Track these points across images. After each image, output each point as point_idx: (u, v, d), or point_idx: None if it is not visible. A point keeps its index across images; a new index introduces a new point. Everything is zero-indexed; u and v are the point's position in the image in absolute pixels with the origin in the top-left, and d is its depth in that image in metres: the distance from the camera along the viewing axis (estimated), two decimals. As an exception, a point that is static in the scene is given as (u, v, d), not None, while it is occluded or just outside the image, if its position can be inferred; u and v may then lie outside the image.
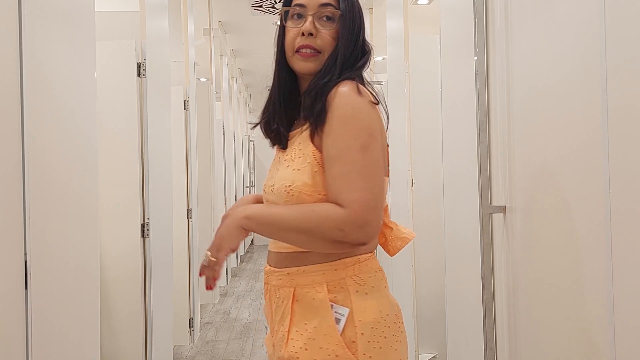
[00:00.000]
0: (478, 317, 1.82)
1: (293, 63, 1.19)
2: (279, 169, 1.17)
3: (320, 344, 1.08)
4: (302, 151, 1.13)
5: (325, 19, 1.17)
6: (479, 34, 1.77)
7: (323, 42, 1.17)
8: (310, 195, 1.09)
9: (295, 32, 1.18)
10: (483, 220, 1.72)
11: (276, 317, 1.18)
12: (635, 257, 1.02)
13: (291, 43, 1.18)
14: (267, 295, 1.23)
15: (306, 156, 1.11)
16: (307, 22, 1.16)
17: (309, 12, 1.17)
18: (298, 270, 1.14)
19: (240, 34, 7.18)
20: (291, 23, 1.19)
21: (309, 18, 1.17)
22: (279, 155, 1.21)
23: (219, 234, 1.12)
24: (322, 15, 1.17)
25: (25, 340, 1.43)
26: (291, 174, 1.11)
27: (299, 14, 1.18)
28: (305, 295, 1.12)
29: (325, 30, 1.17)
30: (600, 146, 1.13)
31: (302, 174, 1.10)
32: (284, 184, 1.11)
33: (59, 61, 1.72)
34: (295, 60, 1.18)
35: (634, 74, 1.02)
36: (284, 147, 1.19)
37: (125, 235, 2.76)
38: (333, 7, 1.17)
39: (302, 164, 1.11)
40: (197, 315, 4.25)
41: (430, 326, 3.32)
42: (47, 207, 1.58)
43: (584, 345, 1.24)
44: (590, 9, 1.16)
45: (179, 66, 4.13)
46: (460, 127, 2.12)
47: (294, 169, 1.12)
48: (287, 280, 1.15)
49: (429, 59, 3.17)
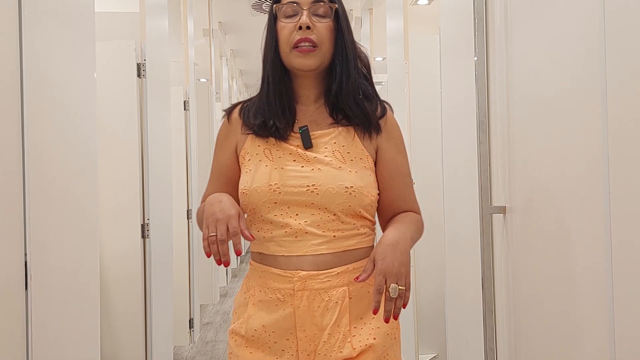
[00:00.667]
0: (478, 317, 1.82)
1: (291, 60, 1.19)
2: (320, 169, 1.16)
3: (385, 330, 1.17)
4: (351, 154, 1.19)
5: (319, 14, 1.18)
6: (479, 34, 1.77)
7: (319, 36, 1.17)
8: (367, 196, 1.17)
9: (290, 27, 1.18)
10: (483, 221, 1.72)
11: (326, 321, 1.15)
12: (635, 257, 1.02)
13: (287, 39, 1.18)
14: (298, 301, 1.16)
15: (361, 160, 1.19)
16: (303, 16, 1.17)
17: (303, 7, 1.18)
18: (348, 267, 1.17)
19: (240, 35, 7.18)
20: (285, 20, 1.19)
21: (304, 12, 1.17)
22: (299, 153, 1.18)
23: (398, 263, 1.10)
24: (316, 11, 1.18)
25: (25, 341, 1.43)
26: (349, 175, 1.16)
27: (292, 11, 1.19)
28: (360, 291, 1.17)
29: (321, 24, 1.18)
30: (600, 146, 1.13)
31: (361, 176, 1.18)
32: (342, 184, 1.15)
33: (59, 61, 1.72)
34: (294, 57, 1.18)
35: (634, 73, 1.02)
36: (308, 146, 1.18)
37: (125, 235, 2.76)
38: (324, 2, 1.19)
39: (357, 167, 1.18)
40: (197, 315, 4.25)
41: (430, 326, 3.32)
42: (47, 208, 1.58)
43: (584, 345, 1.24)
44: (590, 8, 1.16)
45: (178, 67, 4.13)
46: (460, 127, 2.12)
47: (350, 170, 1.17)
48: (338, 280, 1.16)
49: (428, 59, 3.17)
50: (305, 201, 1.15)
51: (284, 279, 1.16)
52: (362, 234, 1.19)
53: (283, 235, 1.16)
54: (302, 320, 1.16)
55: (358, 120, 1.20)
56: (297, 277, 1.15)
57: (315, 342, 1.16)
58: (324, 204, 1.15)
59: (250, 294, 1.22)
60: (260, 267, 1.20)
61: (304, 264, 1.15)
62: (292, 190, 1.15)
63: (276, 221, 1.17)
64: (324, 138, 1.19)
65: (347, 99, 1.19)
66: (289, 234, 1.16)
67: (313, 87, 1.23)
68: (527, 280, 1.55)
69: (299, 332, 1.16)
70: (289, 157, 1.18)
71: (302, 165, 1.17)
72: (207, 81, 5.82)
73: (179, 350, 4.13)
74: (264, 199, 1.16)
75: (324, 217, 1.15)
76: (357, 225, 1.18)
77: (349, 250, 1.17)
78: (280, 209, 1.16)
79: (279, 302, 1.17)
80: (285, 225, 1.16)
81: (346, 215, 1.16)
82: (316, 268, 1.15)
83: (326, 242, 1.15)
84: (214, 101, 5.20)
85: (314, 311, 1.15)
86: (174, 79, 3.82)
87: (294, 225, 1.15)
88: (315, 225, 1.15)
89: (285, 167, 1.17)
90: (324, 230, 1.15)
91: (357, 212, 1.17)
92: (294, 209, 1.16)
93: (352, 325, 1.15)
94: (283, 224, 1.16)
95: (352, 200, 1.15)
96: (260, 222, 1.19)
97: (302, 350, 1.16)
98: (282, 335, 1.17)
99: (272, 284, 1.17)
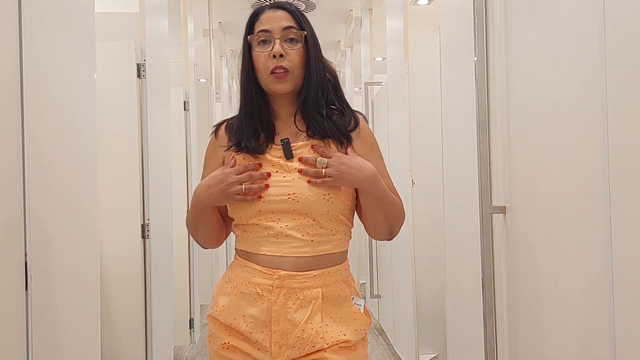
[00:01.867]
0: (478, 317, 1.82)
1: (268, 84, 1.30)
2: (300, 178, 1.27)
3: (355, 327, 1.29)
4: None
5: (289, 40, 1.30)
6: (479, 34, 1.77)
7: (291, 62, 1.29)
8: (344, 202, 1.29)
9: (265, 56, 1.29)
10: (483, 221, 1.72)
11: (299, 317, 1.25)
12: (635, 257, 1.02)
13: (264, 66, 1.29)
14: (275, 297, 1.26)
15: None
16: (276, 45, 1.28)
17: (275, 36, 1.29)
18: (323, 272, 1.28)
19: (240, 35, 7.12)
20: (260, 48, 1.30)
21: (276, 41, 1.28)
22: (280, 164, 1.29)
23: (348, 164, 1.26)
24: (287, 38, 1.29)
25: (25, 341, 1.43)
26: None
27: (264, 39, 1.30)
28: (332, 293, 1.28)
29: (293, 51, 1.29)
30: (600, 146, 1.13)
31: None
32: (320, 192, 1.26)
33: (59, 62, 1.72)
34: (271, 82, 1.29)
35: (633, 73, 1.02)
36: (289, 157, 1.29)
37: (126, 235, 2.76)
38: (294, 28, 1.30)
39: None
40: (198, 316, 4.25)
41: (430, 326, 3.32)
42: (47, 208, 1.58)
43: (584, 345, 1.24)
44: (590, 9, 1.16)
45: (178, 67, 4.13)
46: (460, 127, 2.12)
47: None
48: (313, 282, 1.27)
49: (428, 60, 3.17)
50: (287, 208, 1.26)
51: (265, 275, 1.27)
52: (338, 239, 1.31)
53: (266, 237, 1.28)
54: (277, 315, 1.26)
55: (328, 134, 1.30)
56: (277, 275, 1.26)
57: (287, 336, 1.26)
58: (304, 210, 1.26)
59: (233, 284, 1.32)
60: (245, 262, 1.31)
61: (285, 264, 1.27)
62: (274, 198, 1.27)
63: (260, 224, 1.28)
64: (303, 149, 1.30)
65: (315, 116, 1.31)
66: (271, 236, 1.27)
67: (289, 105, 1.34)
68: (527, 280, 1.55)
69: (274, 325, 1.26)
70: (271, 169, 1.29)
71: (283, 175, 1.28)
72: (207, 81, 5.82)
73: (179, 350, 4.13)
74: (248, 208, 1.28)
75: (304, 222, 1.27)
76: (335, 231, 1.30)
77: (325, 255, 1.29)
78: (264, 215, 1.28)
79: (257, 296, 1.27)
80: (268, 228, 1.27)
81: (325, 220, 1.28)
82: (296, 269, 1.27)
83: (304, 246, 1.27)
84: (214, 101, 5.20)
85: (289, 307, 1.26)
86: (174, 79, 3.82)
87: (276, 228, 1.27)
88: (296, 229, 1.27)
89: (268, 178, 1.28)
90: (303, 235, 1.27)
91: (336, 216, 1.29)
92: (277, 214, 1.27)
93: (323, 323, 1.26)
94: (267, 226, 1.28)
95: (329, 206, 1.27)
96: (245, 225, 1.31)
97: (275, 342, 1.26)
98: (257, 326, 1.27)
99: (254, 278, 1.28)
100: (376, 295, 4.43)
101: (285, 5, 1.33)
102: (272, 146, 1.31)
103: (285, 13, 1.31)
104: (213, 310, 1.33)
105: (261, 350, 1.27)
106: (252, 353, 1.27)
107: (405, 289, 3.47)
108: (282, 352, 1.26)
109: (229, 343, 1.29)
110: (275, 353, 1.26)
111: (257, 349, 1.27)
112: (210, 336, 1.34)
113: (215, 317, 1.32)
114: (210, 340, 1.33)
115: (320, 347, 1.25)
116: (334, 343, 1.26)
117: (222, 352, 1.30)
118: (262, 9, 1.34)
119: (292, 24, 1.30)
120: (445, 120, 2.39)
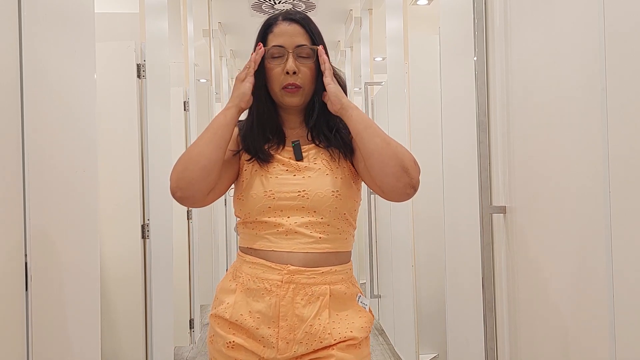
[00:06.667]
0: (478, 317, 1.82)
1: (280, 97, 1.34)
2: (309, 176, 1.30)
3: (361, 324, 1.31)
4: (336, 163, 1.34)
5: (302, 56, 1.32)
6: (479, 34, 1.77)
7: (303, 78, 1.33)
8: (351, 200, 1.32)
9: (279, 71, 1.32)
10: (483, 220, 1.72)
11: (307, 312, 1.27)
12: (635, 257, 1.02)
13: (277, 80, 1.33)
14: (283, 292, 1.27)
15: (343, 169, 1.33)
16: (289, 62, 1.31)
17: (289, 50, 1.32)
18: (330, 269, 1.30)
19: (239, 35, 7.17)
20: (273, 62, 1.33)
21: (290, 57, 1.31)
22: (291, 164, 1.32)
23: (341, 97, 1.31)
24: (300, 54, 1.32)
25: (25, 341, 1.43)
26: (335, 181, 1.31)
27: (278, 53, 1.32)
28: (338, 291, 1.30)
29: (304, 68, 1.32)
30: (600, 146, 1.13)
31: (346, 183, 1.32)
32: (329, 189, 1.29)
33: (59, 62, 1.72)
34: (283, 95, 1.33)
35: (633, 73, 1.02)
36: (299, 158, 1.33)
37: (126, 236, 2.76)
38: (307, 46, 1.32)
39: (342, 174, 1.33)
40: (198, 316, 4.25)
41: (430, 326, 3.32)
42: (47, 208, 1.58)
43: (584, 345, 1.24)
44: (590, 9, 1.16)
45: (178, 67, 4.13)
46: (460, 127, 2.12)
47: (336, 177, 1.32)
48: (322, 279, 1.29)
49: (428, 60, 3.17)
50: (296, 205, 1.29)
51: (274, 270, 1.28)
52: (344, 238, 1.34)
53: (275, 234, 1.29)
54: (285, 310, 1.27)
55: (332, 144, 1.35)
56: (286, 270, 1.28)
57: (295, 331, 1.27)
58: (314, 207, 1.29)
59: (238, 281, 1.32)
60: (252, 259, 1.32)
61: (294, 259, 1.28)
62: (285, 195, 1.29)
63: (270, 222, 1.30)
64: (311, 151, 1.35)
65: (321, 129, 1.36)
66: (280, 232, 1.29)
67: (297, 115, 1.38)
68: (527, 280, 1.55)
69: (281, 321, 1.27)
70: (282, 168, 1.32)
71: (294, 174, 1.31)
72: (207, 82, 5.82)
73: (180, 350, 4.13)
74: (259, 204, 1.30)
75: (312, 219, 1.29)
76: (341, 230, 1.32)
77: (333, 252, 1.31)
78: (274, 212, 1.29)
79: (265, 291, 1.28)
80: (278, 225, 1.29)
81: (333, 217, 1.30)
82: (305, 265, 1.28)
83: (313, 242, 1.29)
84: (214, 102, 5.20)
85: (297, 303, 1.27)
86: (173, 80, 3.82)
87: (286, 225, 1.29)
88: (305, 226, 1.29)
89: (279, 177, 1.31)
90: (312, 232, 1.29)
91: (342, 215, 1.32)
92: (286, 212, 1.29)
93: (330, 319, 1.28)
94: (276, 223, 1.29)
95: (338, 203, 1.30)
96: (253, 223, 1.32)
97: (282, 338, 1.27)
98: (264, 322, 1.27)
99: (262, 274, 1.29)
100: (376, 295, 4.43)
101: (298, 19, 1.34)
102: (284, 148, 1.35)
103: (299, 28, 1.33)
104: (217, 309, 1.33)
105: (267, 347, 1.27)
106: (258, 351, 1.27)
107: (405, 289, 3.47)
108: (290, 347, 1.27)
109: (234, 342, 1.29)
110: (282, 349, 1.26)
111: (263, 346, 1.27)
112: (213, 336, 1.33)
113: (219, 315, 1.31)
114: (213, 340, 1.33)
115: (327, 344, 1.27)
116: (341, 340, 1.28)
117: (227, 351, 1.29)
118: (275, 19, 1.35)
119: (306, 41, 1.32)
120: (445, 120, 2.39)
